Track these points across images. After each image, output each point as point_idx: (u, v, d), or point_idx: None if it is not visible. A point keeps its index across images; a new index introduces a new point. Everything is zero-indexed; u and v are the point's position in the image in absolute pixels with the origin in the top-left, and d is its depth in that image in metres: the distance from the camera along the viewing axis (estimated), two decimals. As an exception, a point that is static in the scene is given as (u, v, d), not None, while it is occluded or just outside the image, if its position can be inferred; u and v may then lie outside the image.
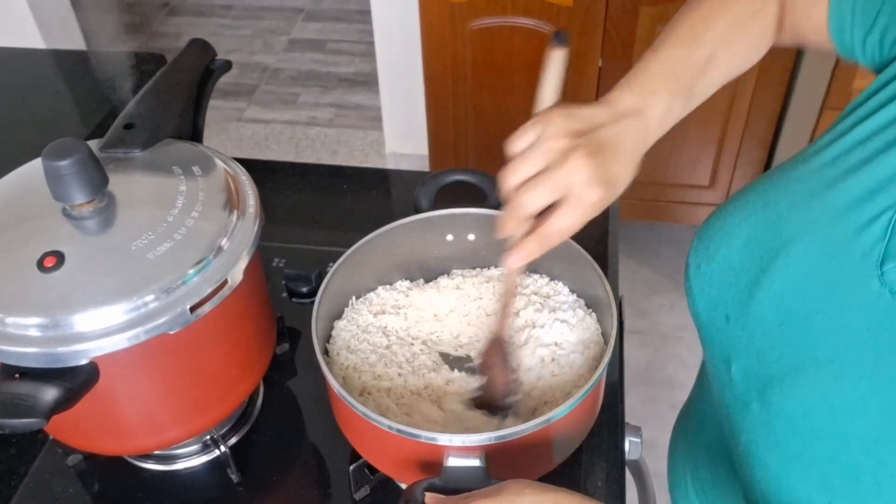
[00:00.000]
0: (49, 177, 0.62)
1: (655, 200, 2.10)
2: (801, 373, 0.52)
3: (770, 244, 0.56)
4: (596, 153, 0.57)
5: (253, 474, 0.77)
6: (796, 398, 0.52)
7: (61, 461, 0.78)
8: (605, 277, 0.74)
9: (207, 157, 0.73)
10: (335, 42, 3.15)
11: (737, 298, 0.58)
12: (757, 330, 0.56)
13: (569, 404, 0.64)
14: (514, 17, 1.78)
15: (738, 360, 0.58)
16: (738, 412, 0.58)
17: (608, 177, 0.57)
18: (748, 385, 0.56)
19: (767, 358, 0.55)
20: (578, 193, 0.57)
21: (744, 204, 0.61)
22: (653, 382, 1.95)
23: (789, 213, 0.56)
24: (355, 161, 2.62)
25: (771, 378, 0.54)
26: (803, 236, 0.54)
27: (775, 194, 0.59)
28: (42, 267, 0.61)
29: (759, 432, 0.55)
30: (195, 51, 0.84)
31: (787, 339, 0.54)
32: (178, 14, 3.32)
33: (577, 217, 0.58)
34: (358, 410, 0.64)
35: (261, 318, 0.75)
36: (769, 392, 0.54)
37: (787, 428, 0.52)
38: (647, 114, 0.61)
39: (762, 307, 0.56)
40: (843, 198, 0.53)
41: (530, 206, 0.57)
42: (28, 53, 1.43)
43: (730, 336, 0.59)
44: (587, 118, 0.59)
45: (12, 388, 0.58)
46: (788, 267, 0.55)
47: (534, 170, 0.57)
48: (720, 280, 0.60)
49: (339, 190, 1.09)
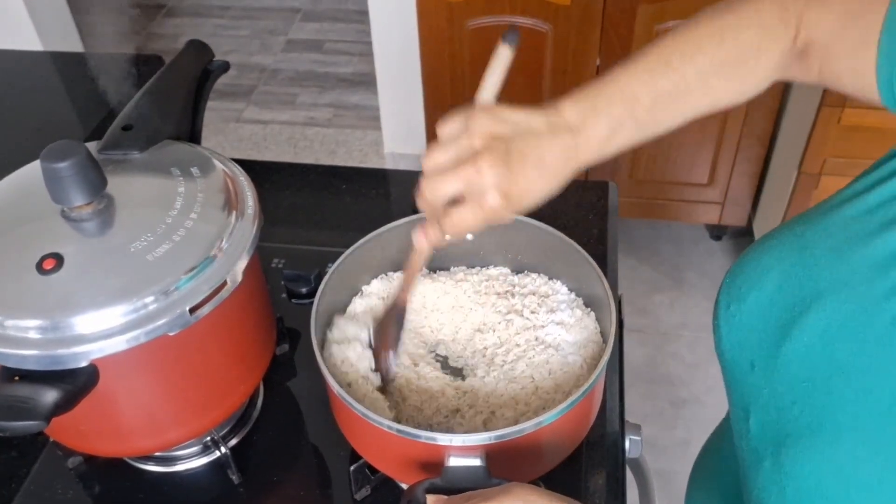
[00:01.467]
0: (48, 179, 0.62)
1: (654, 198, 2.10)
2: (817, 436, 0.49)
3: (804, 292, 0.54)
4: (507, 162, 0.55)
5: (253, 475, 0.77)
6: (809, 464, 0.49)
7: (62, 463, 0.78)
8: (604, 276, 0.74)
9: (206, 158, 0.73)
10: (333, 42, 3.15)
11: (764, 346, 0.56)
12: (780, 383, 0.54)
13: (569, 403, 0.64)
14: (511, 16, 1.78)
15: (757, 411, 0.56)
16: (751, 465, 0.56)
17: (512, 188, 0.56)
18: (764, 439, 0.54)
19: (787, 414, 0.52)
20: (477, 195, 0.56)
21: (780, 243, 0.58)
22: (652, 380, 1.96)
23: (826, 260, 0.54)
24: (354, 161, 2.62)
25: (787, 437, 0.52)
26: (838, 289, 0.52)
27: (813, 237, 0.56)
28: (41, 269, 0.61)
29: (770, 491, 0.52)
30: (193, 52, 0.84)
31: (809, 397, 0.51)
32: (175, 15, 3.31)
33: (474, 217, 0.57)
34: (358, 411, 0.64)
35: (260, 319, 0.75)
36: (783, 451, 0.51)
37: (797, 493, 0.50)
38: (586, 133, 0.58)
39: (788, 360, 0.53)
40: (880, 253, 0.50)
41: (435, 193, 0.57)
42: (25, 55, 1.43)
43: (752, 384, 0.57)
44: (515, 123, 0.57)
45: (12, 391, 0.58)
46: (819, 321, 0.52)
47: (445, 159, 0.57)
48: (749, 323, 0.58)
49: (337, 190, 1.09)
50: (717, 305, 0.62)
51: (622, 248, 0.96)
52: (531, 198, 0.58)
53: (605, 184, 1.05)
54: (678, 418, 1.86)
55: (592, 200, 1.02)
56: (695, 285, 2.12)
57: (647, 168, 2.03)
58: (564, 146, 0.58)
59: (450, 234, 0.59)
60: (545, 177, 0.58)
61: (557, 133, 0.57)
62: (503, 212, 0.56)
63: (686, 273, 2.16)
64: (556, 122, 0.58)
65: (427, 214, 0.60)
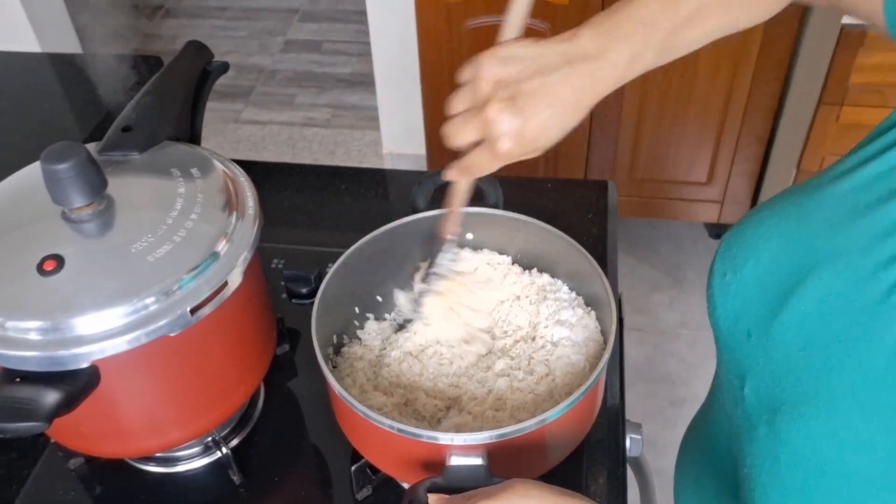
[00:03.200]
0: (48, 180, 0.63)
1: (653, 197, 2.10)
2: (812, 402, 0.50)
3: (801, 262, 0.54)
4: (514, 106, 0.56)
5: (254, 475, 0.77)
6: (804, 429, 0.50)
7: (63, 464, 0.78)
8: (604, 275, 0.74)
9: (206, 159, 0.73)
10: (331, 42, 3.15)
11: (760, 315, 0.56)
12: (776, 351, 0.54)
13: (569, 402, 0.64)
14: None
15: (752, 379, 0.56)
16: (745, 433, 0.56)
17: (524, 131, 0.57)
18: (759, 407, 0.55)
19: (782, 382, 0.53)
20: (491, 140, 0.57)
21: (778, 212, 0.59)
22: (653, 379, 1.96)
23: (823, 230, 0.54)
24: (353, 161, 2.62)
25: (782, 403, 0.52)
26: (835, 259, 0.52)
27: (810, 207, 0.56)
28: (42, 270, 0.61)
29: (764, 458, 0.53)
30: (192, 53, 0.84)
31: (805, 365, 0.52)
32: (173, 16, 3.31)
33: (488, 161, 0.59)
34: (359, 410, 0.64)
35: (261, 320, 0.75)
36: (778, 418, 0.52)
37: (792, 458, 0.51)
38: (607, 58, 0.57)
39: (784, 328, 0.54)
40: (876, 225, 0.50)
41: (453, 139, 0.59)
42: (24, 57, 1.43)
43: (748, 353, 0.57)
44: (527, 61, 0.57)
45: (13, 392, 0.58)
46: (816, 290, 0.52)
47: (461, 108, 0.59)
48: (745, 293, 0.58)
49: (337, 190, 1.09)
50: (713, 274, 0.62)
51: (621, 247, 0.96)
52: (548, 136, 0.58)
53: (605, 183, 1.05)
54: (678, 417, 1.86)
55: (592, 200, 1.03)
56: (694, 284, 2.12)
57: (647, 167, 2.03)
58: (580, 77, 0.57)
59: (472, 175, 0.63)
60: (562, 112, 0.58)
61: (574, 64, 0.57)
62: (519, 154, 0.58)
63: (685, 272, 2.16)
64: (572, 52, 0.57)
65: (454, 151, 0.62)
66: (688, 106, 1.89)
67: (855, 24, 1.48)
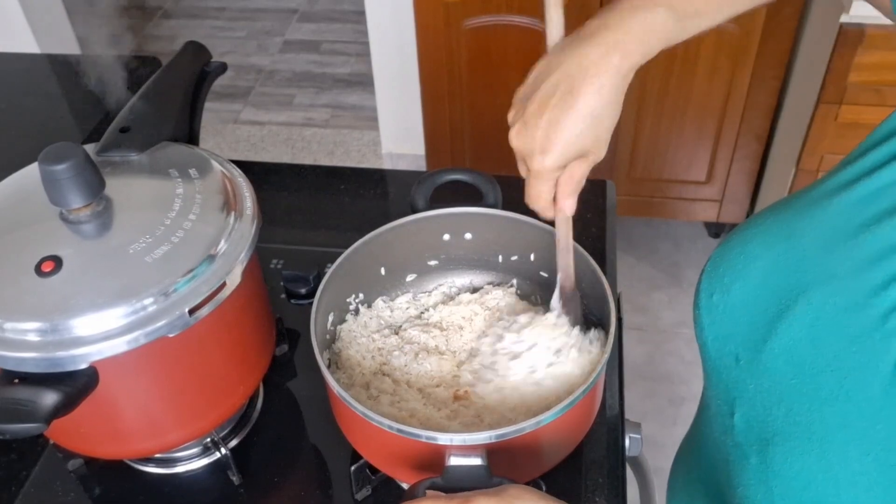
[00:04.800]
0: (46, 181, 0.62)
1: (652, 196, 2.10)
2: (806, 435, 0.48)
3: (790, 283, 0.52)
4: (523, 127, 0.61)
5: (254, 476, 0.77)
6: (798, 463, 0.48)
7: (62, 465, 0.78)
8: (603, 274, 0.74)
9: (204, 160, 0.73)
10: (330, 43, 3.15)
11: (749, 339, 0.54)
12: (766, 378, 0.52)
13: (569, 401, 0.64)
14: (508, 15, 1.78)
15: (742, 406, 0.54)
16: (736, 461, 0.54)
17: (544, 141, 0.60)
18: (750, 437, 0.53)
19: (773, 412, 0.51)
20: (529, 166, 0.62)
21: (765, 230, 0.57)
22: (652, 378, 1.96)
23: (814, 251, 0.52)
24: (352, 161, 2.62)
25: (774, 435, 0.50)
26: (827, 281, 0.50)
27: (800, 226, 0.54)
28: (40, 272, 0.61)
29: (757, 489, 0.51)
30: (190, 53, 0.84)
31: (796, 394, 0.50)
32: (172, 17, 3.31)
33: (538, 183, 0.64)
34: (358, 411, 0.64)
35: (260, 320, 0.75)
36: (771, 450, 0.50)
37: (786, 492, 0.49)
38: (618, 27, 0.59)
39: (775, 354, 0.52)
40: (870, 246, 0.48)
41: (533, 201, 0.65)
42: (22, 58, 1.43)
43: (737, 379, 0.55)
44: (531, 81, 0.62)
45: (12, 394, 0.58)
46: (807, 314, 0.50)
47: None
48: (734, 315, 0.56)
49: (336, 190, 1.09)
50: (699, 294, 0.61)
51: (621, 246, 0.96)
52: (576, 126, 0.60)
53: (604, 182, 1.05)
54: (678, 416, 1.86)
55: (591, 199, 1.02)
56: (693, 283, 2.10)
57: (646, 166, 2.03)
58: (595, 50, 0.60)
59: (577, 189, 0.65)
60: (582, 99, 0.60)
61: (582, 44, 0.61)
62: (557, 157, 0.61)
63: (684, 271, 2.16)
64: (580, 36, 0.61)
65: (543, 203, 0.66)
66: (687, 105, 1.89)
67: (854, 22, 1.48)
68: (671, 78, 1.83)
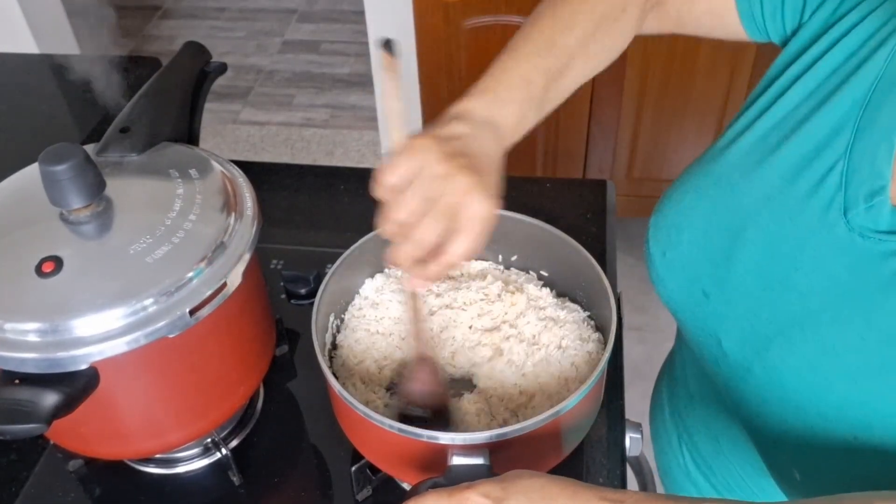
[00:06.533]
0: (46, 182, 0.62)
1: (652, 196, 2.10)
2: (796, 328, 0.55)
3: (733, 217, 0.60)
4: (474, 169, 0.55)
5: (254, 476, 0.77)
6: (798, 352, 0.55)
7: (62, 466, 0.78)
8: (603, 274, 0.74)
9: (204, 160, 0.73)
10: (329, 43, 3.15)
11: (712, 274, 0.61)
12: (741, 300, 0.59)
13: (570, 401, 0.64)
14: (508, 15, 1.78)
15: (726, 331, 0.60)
16: (739, 379, 0.60)
17: (491, 188, 0.56)
18: (745, 352, 0.59)
19: (758, 322, 0.58)
20: (470, 214, 0.55)
21: (693, 184, 0.64)
22: (652, 378, 1.95)
23: (742, 185, 0.60)
24: (351, 162, 2.62)
25: (768, 340, 0.57)
26: (763, 203, 0.58)
27: (723, 170, 0.62)
28: (40, 272, 0.61)
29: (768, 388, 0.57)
30: (190, 54, 0.84)
31: (773, 300, 0.57)
32: (171, 17, 3.31)
33: (475, 238, 0.55)
34: (359, 410, 0.64)
35: (260, 320, 0.75)
36: (769, 353, 0.56)
37: (797, 375, 0.55)
38: (499, 123, 0.60)
39: (740, 277, 0.59)
40: (789, 161, 0.57)
41: (425, 240, 0.55)
42: (22, 58, 1.43)
43: (713, 312, 0.61)
44: (453, 136, 0.57)
45: (12, 394, 0.58)
46: (757, 235, 0.58)
47: (419, 202, 0.55)
48: (690, 261, 0.63)
49: (335, 191, 1.09)
50: (651, 257, 0.67)
51: (620, 246, 0.96)
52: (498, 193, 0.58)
53: (603, 182, 1.05)
54: (678, 416, 1.86)
55: (590, 199, 1.03)
56: (693, 283, 2.12)
57: (645, 166, 2.03)
58: (492, 139, 0.59)
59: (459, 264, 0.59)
60: (497, 170, 0.59)
61: (482, 130, 0.59)
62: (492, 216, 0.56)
63: (684, 271, 2.16)
64: (475, 121, 0.59)
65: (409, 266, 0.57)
66: (686, 105, 1.89)
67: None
68: (671, 78, 1.83)
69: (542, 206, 1.02)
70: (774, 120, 0.60)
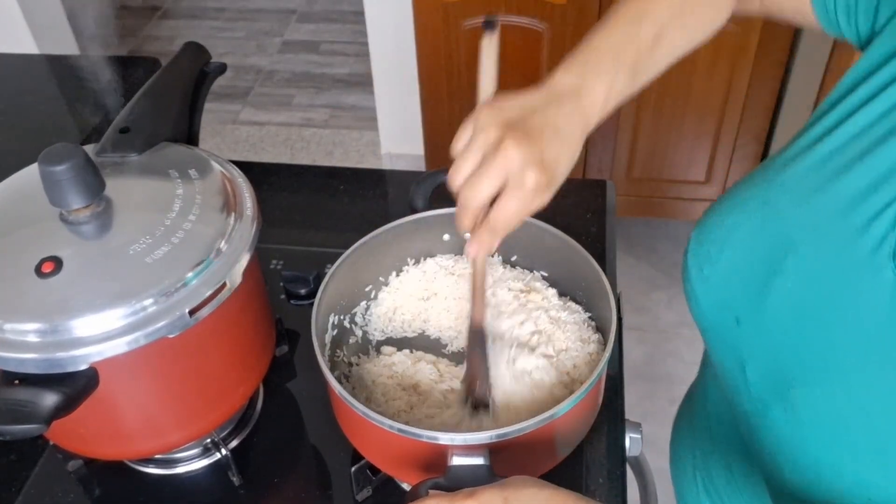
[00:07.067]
0: (46, 182, 0.62)
1: (652, 197, 2.10)
2: (823, 372, 0.51)
3: (776, 242, 0.56)
4: (527, 137, 0.56)
5: (254, 477, 0.77)
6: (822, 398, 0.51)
7: (62, 467, 0.78)
8: (603, 274, 0.74)
9: (204, 160, 0.73)
10: (329, 43, 3.15)
11: (747, 300, 0.57)
12: (772, 331, 0.55)
13: (570, 401, 0.64)
14: (507, 15, 1.78)
15: (752, 361, 0.57)
16: (758, 413, 0.57)
17: (544, 159, 0.56)
18: (767, 387, 0.55)
19: (786, 358, 0.54)
20: (516, 179, 0.56)
21: (741, 202, 0.61)
22: (652, 378, 1.96)
23: (791, 210, 0.56)
24: (351, 162, 2.62)
25: (793, 379, 0.53)
26: (810, 234, 0.54)
27: (774, 192, 0.58)
28: (40, 272, 0.61)
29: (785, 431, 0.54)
30: (189, 54, 0.84)
31: (804, 337, 0.53)
32: (171, 17, 3.31)
33: (519, 202, 0.56)
34: (359, 411, 0.64)
35: (260, 321, 0.75)
36: (792, 393, 0.53)
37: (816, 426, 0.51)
38: (587, 94, 0.59)
39: (775, 307, 0.55)
40: (845, 193, 0.52)
41: (475, 199, 0.57)
42: (21, 59, 1.43)
43: (742, 338, 0.58)
44: (517, 107, 0.58)
45: (12, 395, 0.58)
46: (798, 266, 0.54)
47: (472, 165, 0.57)
48: (726, 282, 0.59)
49: (335, 191, 1.09)
50: (688, 270, 0.64)
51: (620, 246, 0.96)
52: (562, 167, 0.58)
53: (603, 182, 1.05)
54: (678, 416, 1.86)
55: (590, 199, 1.03)
56: (693, 283, 2.12)
57: (645, 166, 2.03)
58: (571, 111, 0.58)
59: (504, 229, 0.59)
60: (566, 143, 0.58)
61: (561, 101, 0.58)
62: (545, 186, 0.57)
63: (684, 271, 2.16)
64: (555, 91, 0.59)
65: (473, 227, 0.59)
66: (686, 105, 1.89)
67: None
68: (670, 78, 1.82)
69: (541, 207, 1.01)
70: (836, 144, 0.55)
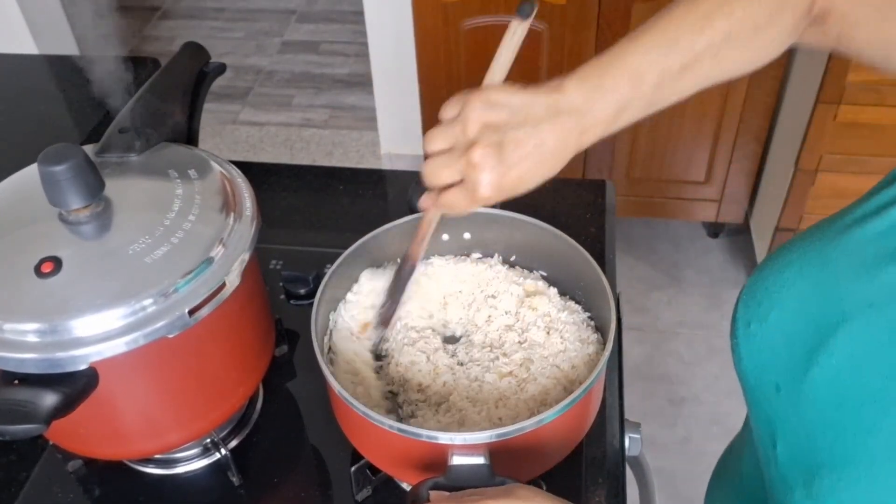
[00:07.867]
0: (45, 182, 0.62)
1: (651, 197, 2.10)
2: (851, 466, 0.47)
3: (828, 311, 0.51)
4: (499, 151, 0.55)
5: (254, 477, 0.77)
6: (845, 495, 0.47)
7: (61, 467, 0.78)
8: (602, 274, 0.74)
9: (203, 160, 0.73)
10: (328, 43, 3.15)
11: (789, 368, 0.53)
12: (809, 409, 0.51)
13: (569, 401, 0.64)
14: (507, 15, 1.78)
15: (784, 436, 0.53)
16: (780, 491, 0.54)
17: (504, 179, 0.56)
18: (794, 468, 0.52)
19: (817, 441, 0.50)
20: (470, 184, 0.57)
21: (800, 257, 0.55)
22: (651, 378, 1.96)
23: (850, 280, 0.51)
24: (350, 162, 2.62)
25: (820, 466, 0.49)
26: (866, 311, 0.49)
27: (835, 254, 0.53)
28: (40, 272, 0.61)
29: None
30: (189, 54, 0.84)
31: (840, 424, 0.49)
32: (170, 17, 3.31)
33: (466, 202, 0.58)
34: (359, 410, 0.64)
35: (259, 321, 0.75)
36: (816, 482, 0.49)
37: None
38: (592, 114, 0.57)
39: (816, 385, 0.51)
40: None
41: (433, 179, 0.58)
42: (21, 59, 1.43)
43: (778, 408, 0.54)
44: (514, 109, 0.56)
45: (11, 395, 0.58)
46: (847, 344, 0.50)
47: (442, 146, 0.58)
48: (772, 344, 0.55)
49: (335, 191, 1.09)
50: (736, 322, 0.59)
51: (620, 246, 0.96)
52: (525, 185, 0.58)
53: (603, 183, 1.05)
54: (677, 416, 1.86)
55: (590, 199, 1.03)
56: (692, 283, 2.13)
57: (644, 166, 2.03)
58: (566, 130, 0.56)
59: (449, 212, 0.61)
60: (545, 162, 0.57)
61: (559, 116, 0.56)
62: (495, 200, 0.57)
63: (684, 271, 2.16)
64: (559, 104, 0.56)
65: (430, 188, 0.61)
66: (685, 105, 1.87)
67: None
68: (670, 78, 1.83)
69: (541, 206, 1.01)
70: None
